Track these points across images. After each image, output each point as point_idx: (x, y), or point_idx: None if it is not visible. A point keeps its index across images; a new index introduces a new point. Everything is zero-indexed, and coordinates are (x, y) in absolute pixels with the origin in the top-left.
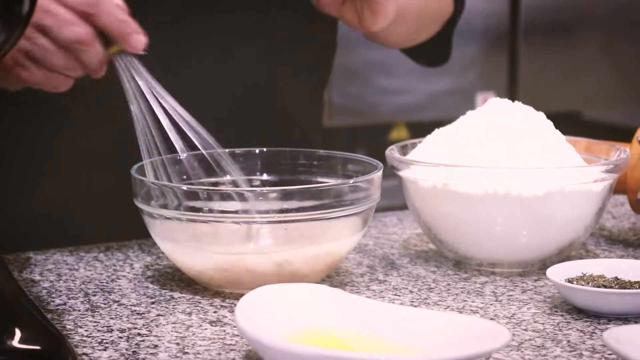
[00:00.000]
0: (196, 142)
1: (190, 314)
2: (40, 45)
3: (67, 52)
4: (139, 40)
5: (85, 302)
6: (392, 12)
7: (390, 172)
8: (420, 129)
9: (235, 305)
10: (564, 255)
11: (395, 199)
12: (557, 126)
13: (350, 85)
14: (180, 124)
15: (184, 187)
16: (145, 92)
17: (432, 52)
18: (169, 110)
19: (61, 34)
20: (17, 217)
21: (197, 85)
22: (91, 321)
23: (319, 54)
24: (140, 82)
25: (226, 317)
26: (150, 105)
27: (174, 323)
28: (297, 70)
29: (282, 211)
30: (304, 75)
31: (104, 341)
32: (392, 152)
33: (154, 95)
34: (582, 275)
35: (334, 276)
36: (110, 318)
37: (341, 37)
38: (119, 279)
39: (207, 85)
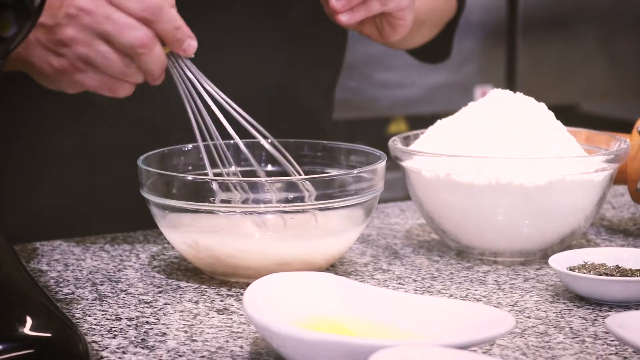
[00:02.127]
0: (252, 133)
1: (197, 302)
2: (100, 52)
3: (127, 58)
4: (192, 45)
5: (93, 291)
6: (411, 22)
7: (391, 165)
8: (419, 122)
9: (241, 294)
10: (565, 244)
11: (395, 191)
12: None
13: (348, 79)
14: (235, 116)
15: (190, 178)
16: (199, 89)
17: (434, 50)
18: (223, 105)
19: (122, 39)
20: (24, 208)
21: (214, 80)
22: (99, 310)
23: (331, 47)
24: (194, 81)
25: (233, 305)
26: (204, 101)
27: (182, 311)
28: (311, 63)
29: (287, 201)
30: (317, 68)
31: (113, 329)
32: (395, 142)
33: (207, 92)
34: (583, 263)
35: (338, 265)
36: (119, 307)
37: None
38: (126, 268)
39: (223, 80)
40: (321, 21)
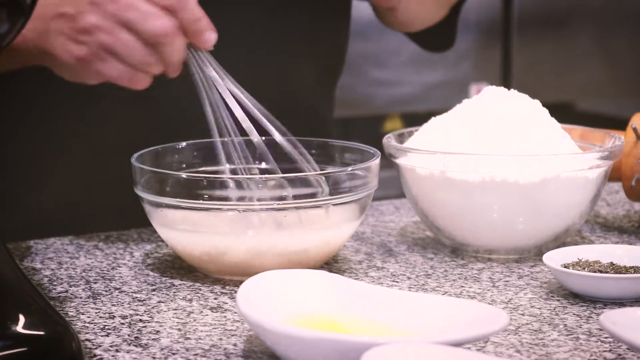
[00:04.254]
0: (268, 130)
1: (191, 300)
2: (122, 40)
3: (148, 47)
4: (212, 37)
5: (86, 289)
6: None
7: (385, 162)
8: (415, 120)
9: (235, 292)
10: (559, 241)
11: (390, 189)
12: None
13: (344, 76)
14: (252, 112)
15: (183, 175)
16: (216, 83)
17: (438, 37)
18: (240, 101)
19: (145, 27)
20: (18, 206)
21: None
22: (93, 308)
23: (332, 46)
24: (212, 74)
25: (227, 303)
26: (221, 95)
27: (175, 309)
28: (313, 61)
29: (280, 198)
30: (319, 66)
31: (106, 327)
32: (389, 140)
33: (226, 86)
34: (578, 260)
35: (332, 263)
36: (112, 305)
37: None
38: (120, 266)
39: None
40: (325, 19)
